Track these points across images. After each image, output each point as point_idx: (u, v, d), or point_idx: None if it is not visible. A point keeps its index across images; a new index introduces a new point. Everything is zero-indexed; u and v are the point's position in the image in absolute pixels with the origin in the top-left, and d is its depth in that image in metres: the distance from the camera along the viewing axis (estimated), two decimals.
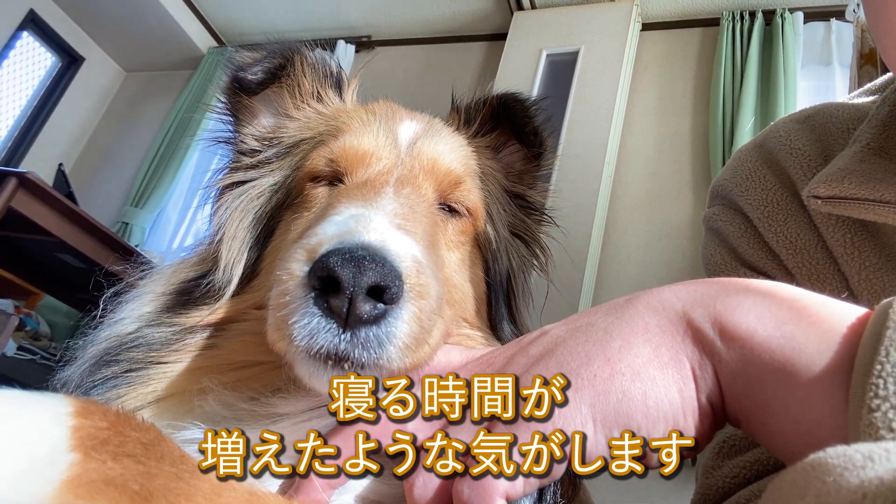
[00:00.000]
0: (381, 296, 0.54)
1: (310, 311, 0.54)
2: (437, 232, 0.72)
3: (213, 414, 0.62)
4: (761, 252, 0.89)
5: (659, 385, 0.47)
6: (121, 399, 0.64)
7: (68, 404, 0.43)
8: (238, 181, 0.80)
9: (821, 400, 0.42)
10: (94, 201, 5.46)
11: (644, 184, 4.03)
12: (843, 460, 0.33)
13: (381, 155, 0.75)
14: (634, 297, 0.53)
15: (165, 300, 0.73)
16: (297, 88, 0.83)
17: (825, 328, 0.44)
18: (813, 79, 3.97)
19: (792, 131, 0.93)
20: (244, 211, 0.77)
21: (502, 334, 0.78)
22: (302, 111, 0.83)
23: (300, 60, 0.83)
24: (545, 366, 0.51)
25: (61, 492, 0.38)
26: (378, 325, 0.55)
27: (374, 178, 0.73)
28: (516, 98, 0.86)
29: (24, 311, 4.12)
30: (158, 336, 0.69)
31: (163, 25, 5.72)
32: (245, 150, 0.82)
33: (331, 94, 0.86)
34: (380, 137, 0.77)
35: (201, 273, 0.75)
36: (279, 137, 0.82)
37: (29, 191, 2.66)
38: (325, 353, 0.54)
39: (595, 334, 0.51)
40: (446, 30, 5.23)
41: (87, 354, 0.69)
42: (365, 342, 0.54)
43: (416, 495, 0.50)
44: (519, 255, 0.86)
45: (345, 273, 0.52)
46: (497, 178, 0.86)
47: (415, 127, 0.80)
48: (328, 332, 0.54)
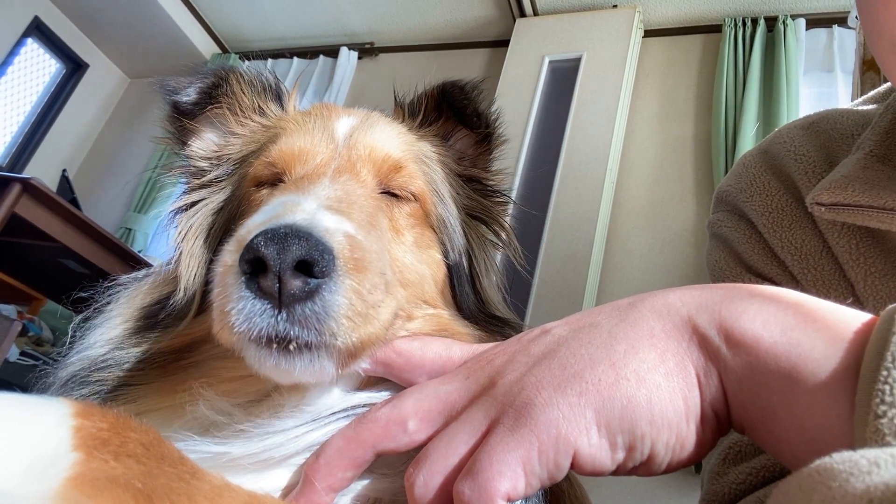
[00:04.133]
0: (310, 271, 0.54)
1: (243, 296, 0.54)
2: (379, 215, 0.72)
3: (205, 418, 0.62)
4: (766, 258, 0.89)
5: (664, 392, 0.47)
6: None
7: (69, 406, 0.44)
8: (192, 202, 0.81)
9: (826, 406, 0.41)
10: (98, 207, 5.48)
11: (646, 190, 4.03)
12: (848, 466, 0.33)
13: (317, 151, 0.76)
14: (639, 300, 0.53)
15: (131, 325, 0.73)
16: (237, 106, 0.84)
17: (831, 334, 0.44)
18: (815, 85, 3.98)
19: (796, 137, 0.93)
20: (199, 228, 0.78)
21: (468, 313, 0.78)
22: (245, 126, 0.84)
23: (235, 78, 0.84)
24: (547, 366, 0.51)
25: (66, 488, 0.39)
26: (313, 301, 0.54)
27: (311, 172, 0.73)
28: (454, 84, 0.88)
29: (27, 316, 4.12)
30: (128, 357, 0.69)
31: (166, 32, 5.75)
32: (194, 171, 0.83)
33: (272, 107, 0.87)
34: (315, 135, 0.78)
35: (164, 295, 0.75)
36: (226, 155, 0.83)
37: (33, 196, 2.67)
38: (265, 336, 0.54)
39: (599, 336, 0.51)
40: (449, 36, 5.24)
41: (59, 376, 0.70)
42: (302, 319, 0.54)
43: (417, 494, 0.49)
44: (478, 236, 0.87)
45: (269, 251, 0.52)
46: (446, 163, 0.87)
47: (351, 121, 0.82)
48: (264, 314, 0.54)
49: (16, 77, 5.74)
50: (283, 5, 5.36)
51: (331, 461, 0.54)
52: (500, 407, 0.50)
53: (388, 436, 0.54)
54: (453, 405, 0.54)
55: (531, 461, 0.47)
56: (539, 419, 0.47)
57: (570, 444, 0.46)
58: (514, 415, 0.48)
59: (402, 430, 0.54)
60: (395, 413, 0.54)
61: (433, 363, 0.61)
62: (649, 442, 0.46)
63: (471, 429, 0.50)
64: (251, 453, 0.57)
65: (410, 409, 0.54)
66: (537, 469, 0.47)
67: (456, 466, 0.49)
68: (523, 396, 0.49)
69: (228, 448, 0.58)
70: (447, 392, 0.55)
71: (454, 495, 0.48)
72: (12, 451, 0.38)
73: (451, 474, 0.49)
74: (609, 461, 0.47)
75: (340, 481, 0.55)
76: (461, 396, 0.54)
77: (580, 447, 0.46)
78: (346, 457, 0.54)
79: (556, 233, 3.75)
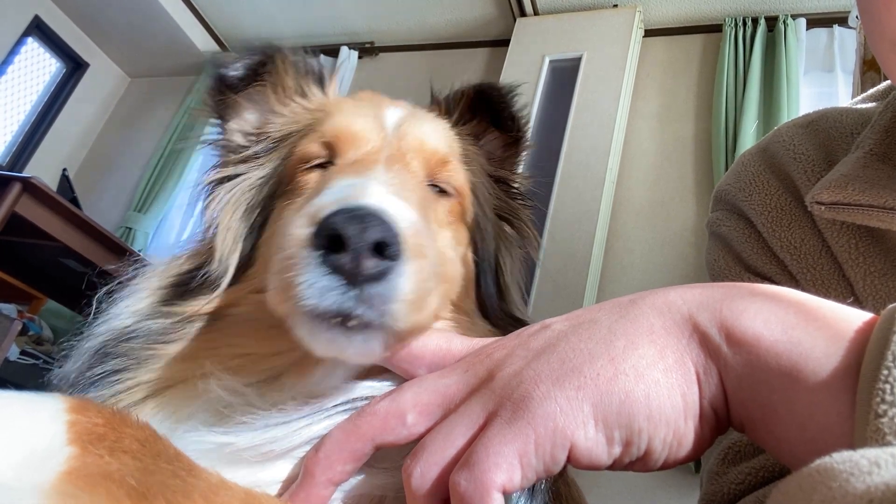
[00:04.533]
0: (383, 252, 0.55)
1: (317, 271, 0.55)
2: (428, 207, 0.74)
3: (218, 400, 0.63)
4: (765, 257, 0.89)
5: (662, 388, 0.47)
6: (122, 392, 0.65)
7: (64, 401, 0.44)
8: (228, 176, 0.82)
9: (827, 405, 0.41)
10: (98, 206, 5.48)
11: (647, 190, 4.03)
12: (848, 466, 0.32)
13: (369, 136, 0.77)
14: (639, 297, 0.53)
15: (161, 293, 0.74)
16: (280, 86, 0.86)
17: (832, 332, 0.44)
18: (816, 85, 3.97)
19: (795, 136, 0.93)
20: (236, 203, 0.79)
21: (489, 312, 0.80)
22: (287, 107, 0.86)
23: (281, 59, 0.85)
24: (546, 360, 0.51)
25: (61, 482, 0.39)
26: (382, 282, 0.55)
27: (365, 157, 0.75)
28: (492, 86, 0.90)
29: (28, 315, 4.12)
30: (157, 327, 0.69)
31: (167, 31, 5.75)
32: (232, 146, 0.85)
33: (314, 90, 0.88)
34: (368, 120, 0.79)
35: (196, 266, 0.76)
36: (266, 132, 0.84)
37: (33, 196, 2.67)
38: (331, 312, 0.55)
39: (598, 332, 0.51)
40: (449, 36, 5.25)
41: (84, 349, 0.70)
42: (369, 299, 0.55)
43: (414, 486, 0.49)
44: (504, 236, 0.89)
45: (351, 230, 0.53)
46: (480, 163, 0.89)
47: (399, 112, 0.83)
48: (336, 290, 0.55)
49: (16, 76, 5.74)
50: (284, 5, 5.37)
51: (330, 454, 0.54)
52: (498, 400, 0.50)
53: (387, 429, 0.54)
54: (452, 398, 0.54)
55: (528, 454, 0.46)
56: (536, 412, 0.47)
57: (567, 437, 0.46)
58: (512, 408, 0.48)
59: (400, 424, 0.54)
60: (394, 406, 0.54)
61: (434, 356, 0.61)
62: (646, 437, 0.46)
63: (468, 421, 0.50)
64: (255, 444, 0.58)
65: (409, 402, 0.54)
66: (534, 462, 0.47)
67: (453, 458, 0.49)
68: (521, 390, 0.49)
69: (233, 438, 0.58)
70: (446, 385, 0.55)
71: (450, 486, 0.48)
72: (7, 445, 0.39)
73: (448, 466, 0.49)
74: (605, 455, 0.47)
75: (340, 474, 0.55)
76: (460, 389, 0.54)
77: (577, 440, 0.46)
78: (346, 450, 0.54)
79: (557, 231, 3.75)
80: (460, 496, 0.46)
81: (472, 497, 0.46)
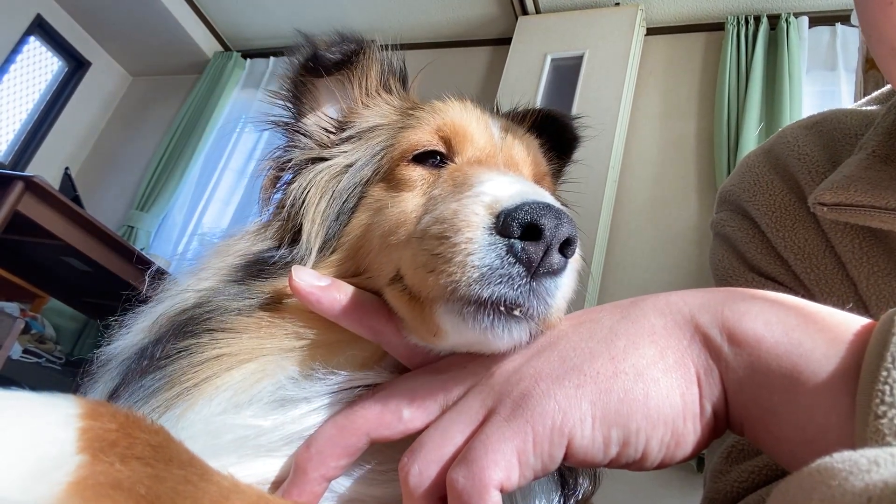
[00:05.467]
0: (565, 250, 0.55)
1: (500, 256, 0.54)
2: None
3: (280, 384, 0.62)
4: (769, 258, 0.89)
5: (662, 387, 0.47)
6: (186, 368, 0.63)
7: (77, 406, 0.42)
8: (312, 159, 0.82)
9: (827, 406, 0.42)
10: (100, 205, 5.49)
11: (648, 189, 4.03)
12: (848, 465, 0.33)
13: (485, 138, 0.79)
14: (640, 299, 0.54)
15: (230, 272, 0.73)
16: (365, 79, 0.87)
17: (832, 335, 0.44)
18: (818, 83, 3.96)
19: (800, 137, 0.93)
20: (324, 187, 0.79)
21: None
22: (373, 99, 0.87)
23: (370, 51, 0.86)
24: (547, 358, 0.51)
25: (68, 494, 0.38)
26: (556, 278, 0.55)
27: (486, 158, 0.76)
28: (565, 115, 0.99)
29: (30, 314, 4.14)
30: (227, 304, 0.68)
31: (169, 30, 5.75)
32: (310, 132, 0.84)
33: (399, 88, 0.90)
34: (481, 123, 0.80)
35: (271, 245, 0.76)
36: (352, 122, 0.85)
37: (35, 194, 2.68)
38: (500, 300, 0.53)
39: (600, 331, 0.51)
40: (451, 34, 5.24)
41: (138, 328, 0.69)
42: (541, 293, 0.54)
43: (412, 484, 0.49)
44: None
45: (548, 223, 0.53)
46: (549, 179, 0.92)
47: (497, 121, 0.84)
48: (514, 278, 0.53)
49: (18, 75, 5.74)
50: (286, 3, 5.36)
51: (323, 450, 0.54)
52: (498, 396, 0.50)
53: (382, 423, 0.53)
54: (449, 393, 0.54)
55: (526, 452, 0.47)
56: (536, 410, 0.47)
57: (565, 435, 0.46)
58: (512, 405, 0.49)
59: (396, 418, 0.53)
60: (390, 400, 0.54)
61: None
62: (644, 437, 0.47)
63: (467, 418, 0.50)
64: (279, 424, 0.57)
65: (406, 396, 0.54)
66: (532, 460, 0.47)
67: (451, 456, 0.49)
68: (521, 387, 0.49)
69: (262, 421, 0.58)
70: (443, 380, 0.55)
71: (447, 483, 0.48)
72: (15, 452, 0.37)
73: (447, 464, 0.49)
74: (601, 455, 0.47)
75: (333, 470, 0.54)
76: (458, 385, 0.54)
77: (574, 438, 0.47)
78: (339, 445, 0.54)
79: None
80: (458, 493, 0.46)
81: (470, 494, 0.46)
